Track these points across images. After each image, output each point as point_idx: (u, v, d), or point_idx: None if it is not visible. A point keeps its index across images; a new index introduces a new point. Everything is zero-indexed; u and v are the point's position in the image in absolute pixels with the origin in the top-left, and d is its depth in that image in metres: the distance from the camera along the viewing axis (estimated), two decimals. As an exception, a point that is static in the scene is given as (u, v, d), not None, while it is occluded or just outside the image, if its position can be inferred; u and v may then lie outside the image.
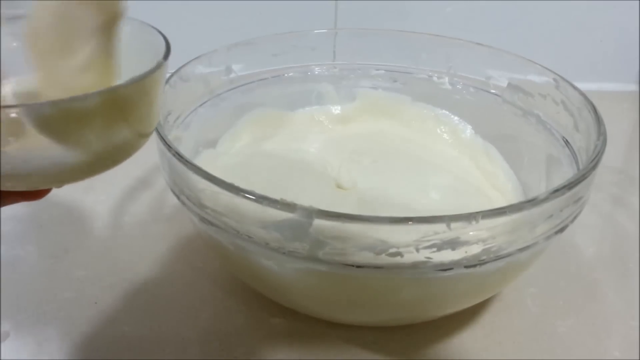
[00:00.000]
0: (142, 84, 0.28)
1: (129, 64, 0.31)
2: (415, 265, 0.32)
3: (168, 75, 0.44)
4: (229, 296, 0.44)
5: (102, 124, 0.28)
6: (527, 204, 0.33)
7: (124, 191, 0.55)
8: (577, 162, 0.42)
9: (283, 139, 0.54)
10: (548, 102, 0.47)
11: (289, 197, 0.32)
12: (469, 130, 0.54)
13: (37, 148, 0.27)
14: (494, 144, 0.52)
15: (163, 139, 0.37)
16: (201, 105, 0.49)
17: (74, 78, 0.30)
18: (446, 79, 0.54)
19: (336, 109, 0.57)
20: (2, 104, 0.29)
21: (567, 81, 0.46)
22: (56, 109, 0.26)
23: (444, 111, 0.55)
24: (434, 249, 0.32)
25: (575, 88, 0.45)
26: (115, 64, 0.31)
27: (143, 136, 0.31)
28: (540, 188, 0.46)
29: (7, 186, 0.29)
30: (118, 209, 0.53)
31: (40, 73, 0.31)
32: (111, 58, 0.31)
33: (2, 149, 0.26)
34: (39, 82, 0.31)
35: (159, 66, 0.29)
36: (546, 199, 0.33)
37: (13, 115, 0.25)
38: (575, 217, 0.37)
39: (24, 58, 0.30)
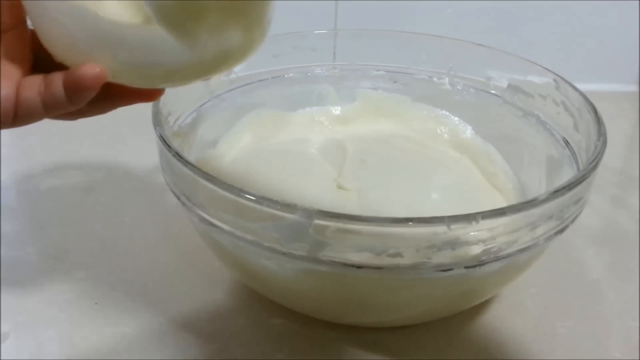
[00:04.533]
0: None
1: None
2: (415, 266, 0.32)
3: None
4: (229, 296, 0.44)
5: (216, 20, 0.29)
6: (527, 205, 0.33)
7: (124, 191, 0.55)
8: (577, 163, 0.42)
9: (283, 140, 0.54)
10: (548, 103, 0.47)
11: (289, 198, 0.32)
12: (469, 130, 0.54)
13: (153, 37, 0.29)
14: (494, 145, 0.52)
15: (163, 139, 0.37)
16: (201, 105, 0.49)
17: None
18: (446, 80, 0.54)
19: (336, 110, 0.57)
20: None
21: (567, 82, 0.46)
22: None
23: (444, 112, 0.55)
24: (434, 250, 0.32)
25: (575, 89, 0.45)
26: None
27: (253, 43, 0.32)
28: (540, 189, 0.46)
29: (122, 79, 0.30)
30: (118, 209, 0.53)
31: None
32: None
33: (121, 35, 0.28)
34: None
35: None
36: (546, 199, 0.33)
37: None
38: (575, 218, 0.37)
39: None
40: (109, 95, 0.32)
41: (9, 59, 0.30)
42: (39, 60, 0.32)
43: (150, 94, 0.33)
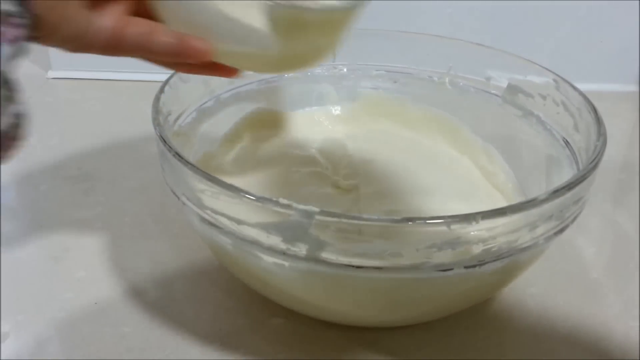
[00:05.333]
0: (353, 12, 0.35)
1: None
2: (415, 266, 0.32)
3: (168, 76, 0.44)
4: (229, 296, 0.44)
5: (314, 32, 0.35)
6: (527, 205, 0.33)
7: (124, 191, 0.55)
8: (577, 163, 0.42)
9: (283, 140, 0.54)
10: (548, 103, 0.47)
11: (289, 198, 0.32)
12: (469, 130, 0.54)
13: (256, 33, 0.33)
14: (494, 145, 0.52)
15: (163, 139, 0.37)
16: (201, 105, 0.49)
17: None
18: (446, 80, 0.54)
19: (336, 110, 0.57)
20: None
21: (567, 82, 0.46)
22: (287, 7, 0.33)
23: (444, 112, 0.55)
24: (434, 250, 0.32)
25: (575, 88, 0.45)
26: None
27: (329, 51, 0.38)
28: (540, 188, 0.46)
29: (217, 57, 0.34)
30: (118, 209, 0.53)
31: None
32: None
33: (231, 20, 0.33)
34: None
35: None
36: (546, 199, 0.33)
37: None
38: (575, 218, 0.37)
39: None
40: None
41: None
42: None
43: (230, 71, 0.37)
